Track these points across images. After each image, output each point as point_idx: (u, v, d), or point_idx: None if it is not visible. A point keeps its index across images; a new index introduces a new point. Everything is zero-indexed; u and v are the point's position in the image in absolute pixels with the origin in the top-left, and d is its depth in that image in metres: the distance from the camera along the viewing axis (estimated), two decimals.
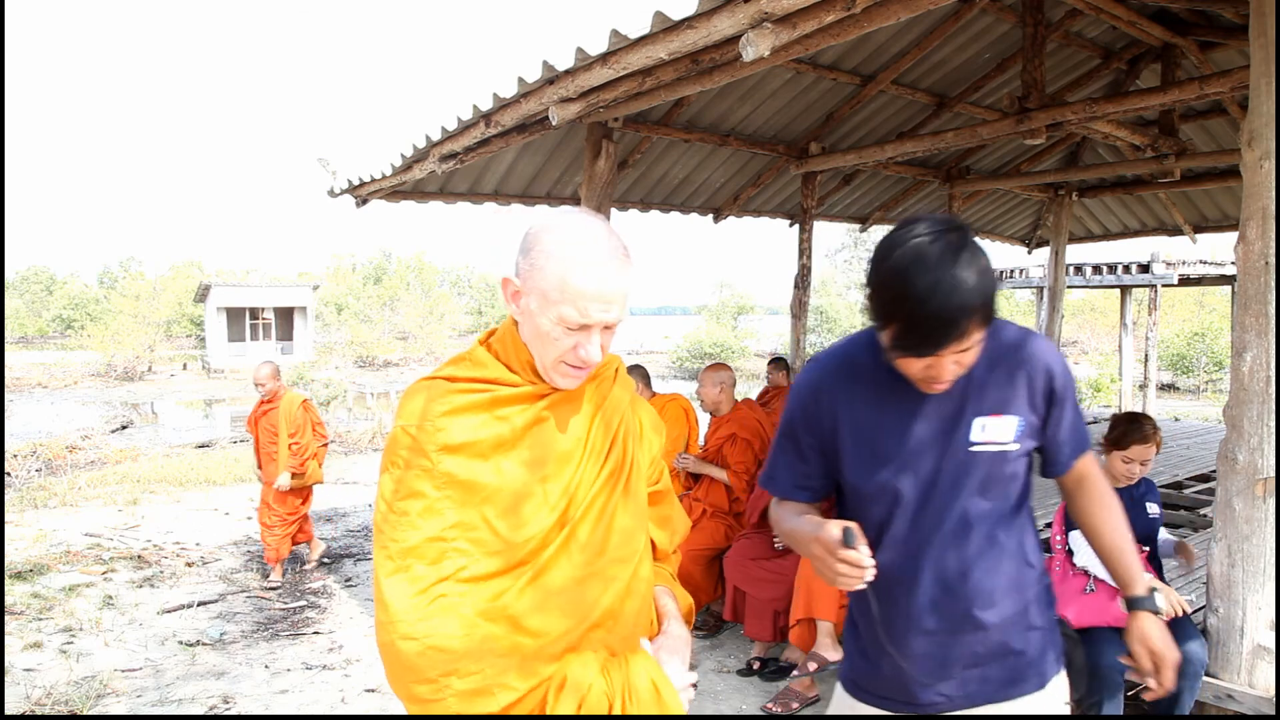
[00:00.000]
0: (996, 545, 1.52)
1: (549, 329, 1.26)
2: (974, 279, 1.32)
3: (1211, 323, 26.25)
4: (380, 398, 22.68)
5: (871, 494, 1.55)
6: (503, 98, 4.00)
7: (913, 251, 1.34)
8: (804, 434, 1.60)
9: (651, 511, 1.53)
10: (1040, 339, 1.55)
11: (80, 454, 11.59)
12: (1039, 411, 1.53)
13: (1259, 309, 2.72)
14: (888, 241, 1.40)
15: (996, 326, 1.49)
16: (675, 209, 7.39)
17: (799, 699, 3.72)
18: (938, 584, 1.51)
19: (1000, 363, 1.51)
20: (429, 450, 1.27)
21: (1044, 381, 1.52)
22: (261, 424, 5.88)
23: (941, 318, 1.33)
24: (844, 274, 40.24)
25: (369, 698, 3.95)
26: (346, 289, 43.11)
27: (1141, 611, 1.57)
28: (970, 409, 1.50)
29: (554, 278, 1.24)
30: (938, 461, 1.50)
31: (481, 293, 53.52)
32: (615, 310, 1.27)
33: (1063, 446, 1.57)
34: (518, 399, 1.32)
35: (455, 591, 1.24)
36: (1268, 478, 2.73)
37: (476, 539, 1.26)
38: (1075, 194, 8.54)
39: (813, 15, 2.82)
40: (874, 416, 1.53)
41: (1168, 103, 4.84)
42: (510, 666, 1.23)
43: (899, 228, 1.41)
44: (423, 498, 1.26)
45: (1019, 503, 1.56)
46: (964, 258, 1.33)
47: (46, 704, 3.79)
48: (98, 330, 32.59)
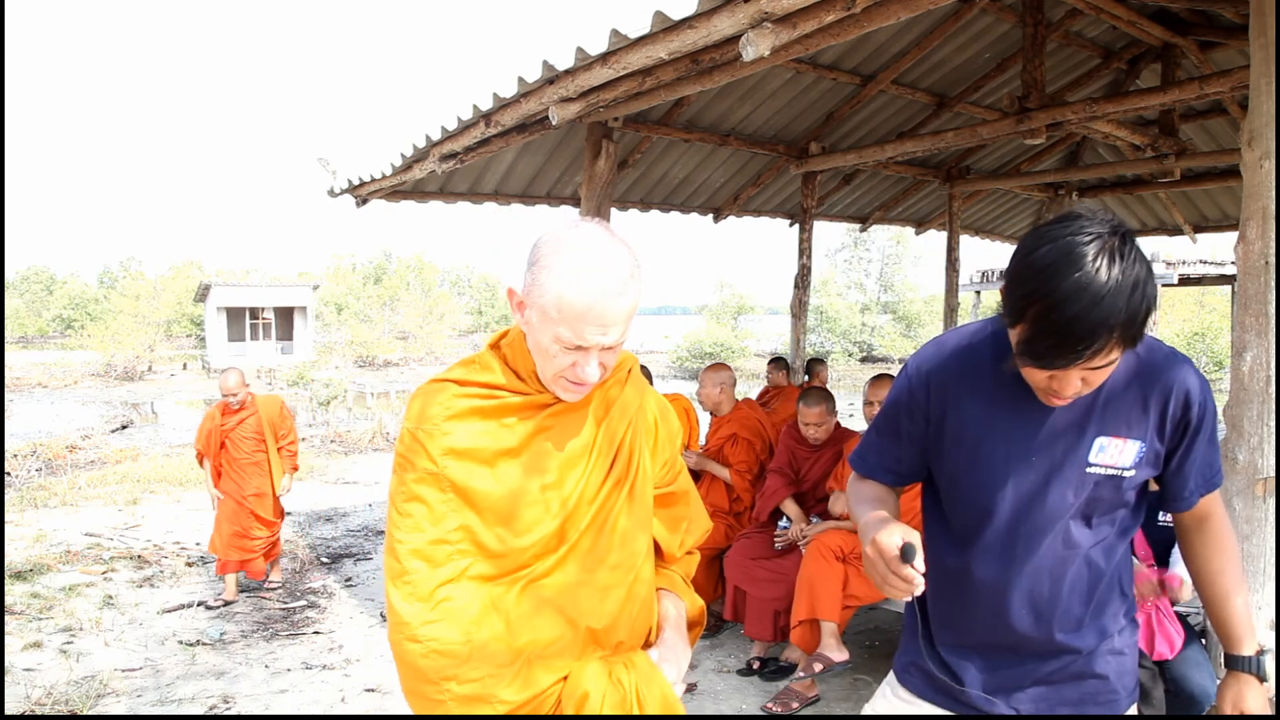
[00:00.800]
0: (1094, 571, 1.42)
1: (547, 345, 1.25)
2: (1126, 292, 1.17)
3: (1211, 323, 26.27)
4: (380, 398, 22.68)
5: (964, 498, 1.47)
6: (503, 98, 4.00)
7: (1065, 247, 1.20)
8: (906, 419, 1.51)
9: (664, 512, 1.52)
10: (1186, 363, 1.40)
11: (80, 454, 11.59)
12: (1166, 440, 1.39)
13: (1259, 309, 2.72)
14: (1039, 232, 1.26)
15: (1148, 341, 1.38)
16: (675, 209, 7.39)
17: (799, 699, 3.72)
18: (1027, 604, 1.43)
19: (1136, 380, 1.37)
20: (434, 454, 1.28)
21: (1179, 409, 1.38)
22: (234, 436, 5.45)
23: (1075, 330, 1.18)
24: (844, 274, 40.24)
25: (369, 697, 3.95)
26: (346, 289, 43.14)
27: (1243, 674, 1.43)
28: (1094, 427, 1.37)
29: (553, 297, 1.21)
30: (1046, 476, 1.39)
31: (481, 293, 53.55)
32: (613, 334, 1.24)
33: (1187, 481, 1.42)
34: (522, 407, 1.32)
35: (460, 594, 1.25)
36: (1268, 478, 2.72)
37: (479, 542, 1.28)
38: (1075, 194, 8.53)
39: (813, 15, 2.82)
40: (985, 417, 1.42)
41: (1168, 103, 4.84)
42: (507, 675, 1.25)
43: (1057, 219, 1.27)
44: (426, 501, 1.27)
45: (1124, 530, 1.45)
46: (1121, 266, 1.18)
47: (46, 704, 3.79)
48: (98, 330, 32.60)
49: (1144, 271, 1.20)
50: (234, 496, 5.45)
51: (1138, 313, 1.19)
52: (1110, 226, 1.22)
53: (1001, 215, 9.70)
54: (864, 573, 1.46)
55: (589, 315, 1.20)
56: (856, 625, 4.48)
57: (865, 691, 3.86)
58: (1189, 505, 1.45)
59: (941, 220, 8.73)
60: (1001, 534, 1.42)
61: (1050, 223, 1.27)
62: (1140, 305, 1.19)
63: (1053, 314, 1.19)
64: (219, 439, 5.49)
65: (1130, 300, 1.18)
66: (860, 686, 3.92)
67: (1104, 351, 1.20)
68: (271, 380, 27.29)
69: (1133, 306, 1.18)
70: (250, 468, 5.49)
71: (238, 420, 5.49)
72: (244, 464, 5.48)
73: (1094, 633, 1.44)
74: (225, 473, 5.50)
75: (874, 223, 8.97)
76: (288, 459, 5.66)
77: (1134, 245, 1.22)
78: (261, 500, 5.51)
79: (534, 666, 1.26)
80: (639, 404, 1.43)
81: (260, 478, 5.51)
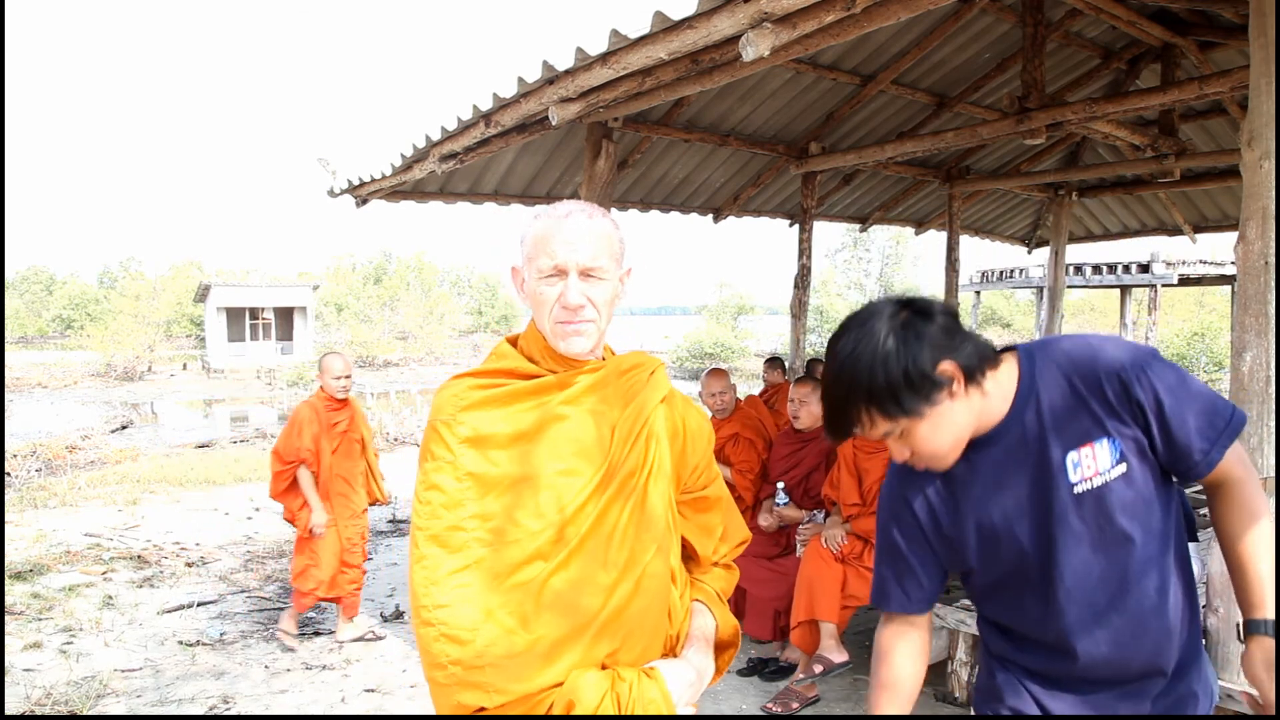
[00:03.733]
0: (1159, 584, 1.36)
1: (535, 288, 1.36)
2: (872, 364, 1.26)
3: (1211, 323, 26.27)
4: (380, 398, 22.68)
5: (992, 584, 1.46)
6: (503, 98, 4.00)
7: (844, 324, 1.33)
8: (902, 542, 1.50)
9: (697, 518, 1.54)
10: (1101, 341, 1.38)
11: (80, 454, 11.59)
12: (1133, 423, 1.33)
13: (1259, 309, 2.72)
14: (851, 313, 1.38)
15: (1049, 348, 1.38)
16: (675, 209, 7.39)
17: (799, 699, 3.72)
18: (1110, 644, 1.38)
19: (1068, 385, 1.35)
20: (450, 443, 1.35)
21: (1117, 390, 1.32)
22: (349, 435, 4.47)
23: (827, 404, 1.32)
24: (844, 274, 40.26)
25: (369, 698, 3.95)
26: (346, 289, 43.13)
27: (1265, 638, 1.36)
28: (1057, 449, 1.34)
29: (530, 238, 1.38)
30: (1045, 518, 1.36)
31: (481, 293, 53.54)
32: (584, 251, 1.34)
33: (1190, 446, 1.32)
34: (534, 391, 1.38)
35: (473, 581, 1.29)
36: (1268, 478, 2.72)
37: (495, 529, 1.31)
38: (1075, 194, 8.54)
39: (813, 15, 2.82)
40: (955, 502, 1.43)
41: (1168, 103, 4.84)
42: (510, 666, 1.25)
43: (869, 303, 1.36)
44: (444, 489, 1.33)
45: (1167, 530, 1.38)
46: (875, 341, 1.27)
47: (46, 704, 3.79)
48: (98, 330, 32.59)
49: (915, 344, 1.27)
50: (342, 518, 4.48)
51: (891, 382, 1.26)
52: (902, 303, 1.32)
53: (1001, 215, 9.70)
54: (862, 573, 1.46)
55: (557, 234, 1.34)
56: (856, 625, 4.48)
57: (865, 691, 3.86)
58: (1210, 467, 1.34)
59: (941, 220, 8.73)
60: (1044, 600, 1.39)
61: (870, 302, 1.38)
62: (895, 375, 1.26)
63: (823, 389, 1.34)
64: (330, 441, 4.40)
65: (882, 372, 1.26)
66: (860, 686, 3.92)
67: (869, 425, 1.31)
68: (271, 381, 27.29)
69: (884, 377, 1.26)
70: (358, 478, 4.57)
71: (346, 418, 4.49)
72: (354, 473, 4.53)
73: (1181, 643, 1.41)
74: (330, 487, 4.44)
75: (874, 223, 8.97)
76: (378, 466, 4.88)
77: (917, 321, 1.29)
78: (365, 519, 4.65)
79: (538, 662, 1.27)
80: (659, 404, 1.45)
81: (361, 491, 4.61)
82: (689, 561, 1.56)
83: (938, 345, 1.28)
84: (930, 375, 1.27)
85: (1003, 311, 44.17)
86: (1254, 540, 1.37)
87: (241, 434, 14.42)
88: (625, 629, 1.35)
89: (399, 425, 14.07)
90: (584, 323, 1.35)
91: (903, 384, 1.26)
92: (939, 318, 1.31)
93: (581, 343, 1.37)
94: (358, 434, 4.59)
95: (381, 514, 7.76)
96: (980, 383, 1.33)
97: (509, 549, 1.30)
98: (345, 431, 4.50)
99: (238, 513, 8.04)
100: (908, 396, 1.27)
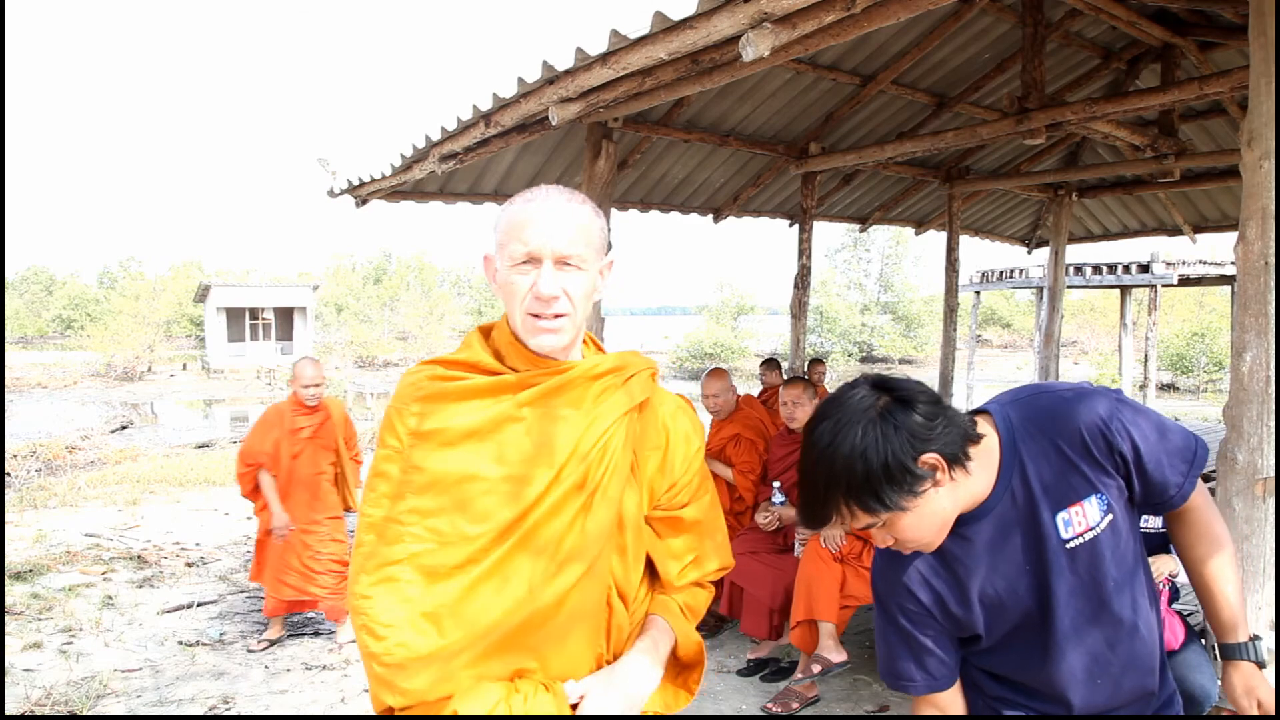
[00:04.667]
0: (1139, 611, 1.40)
1: (507, 277, 1.28)
2: (850, 457, 1.21)
3: (1211, 323, 26.29)
4: (380, 398, 22.68)
5: (994, 644, 1.44)
6: (503, 98, 4.00)
7: (822, 410, 1.29)
8: (910, 626, 1.45)
9: (668, 541, 1.43)
10: (1076, 397, 1.36)
11: (80, 454, 11.58)
12: (1115, 473, 1.35)
13: (1259, 309, 2.72)
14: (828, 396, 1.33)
15: (1025, 408, 1.37)
16: (675, 209, 7.39)
17: (799, 699, 3.72)
18: (1109, 684, 1.41)
19: (1049, 444, 1.35)
20: (400, 433, 1.31)
21: (1100, 443, 1.33)
22: (308, 442, 4.43)
23: (807, 493, 1.28)
24: (844, 274, 40.25)
25: (368, 698, 3.95)
26: (346, 289, 43.11)
27: (1242, 662, 1.42)
28: (1046, 510, 1.34)
29: (503, 223, 1.30)
30: (1042, 575, 1.36)
31: (481, 293, 53.49)
32: (560, 238, 1.25)
33: (1166, 483, 1.36)
34: (491, 389, 1.30)
35: (405, 577, 1.25)
36: (1267, 478, 2.72)
37: (431, 528, 1.26)
38: (1075, 194, 8.54)
39: (813, 15, 2.82)
40: (958, 580, 1.40)
41: (1167, 103, 4.84)
42: (410, 670, 1.22)
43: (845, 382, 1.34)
44: (389, 478, 1.30)
45: (1138, 552, 1.42)
46: (854, 432, 1.22)
47: (46, 704, 3.79)
48: (97, 330, 32.58)
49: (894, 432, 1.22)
50: (301, 522, 4.44)
51: (871, 474, 1.21)
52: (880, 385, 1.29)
53: (1001, 215, 9.70)
54: (861, 573, 1.45)
55: (532, 219, 1.26)
56: (856, 625, 4.48)
57: (865, 691, 3.86)
58: (1184, 499, 1.39)
59: (941, 220, 8.74)
60: (1041, 640, 1.40)
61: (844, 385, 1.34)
62: (861, 472, 1.21)
63: (801, 477, 1.30)
64: (291, 446, 4.42)
65: (861, 464, 1.21)
66: (860, 686, 3.92)
67: (849, 516, 1.26)
68: (271, 381, 27.29)
69: (862, 469, 1.21)
70: (325, 484, 4.54)
71: (314, 424, 4.46)
72: (318, 479, 4.50)
73: (1157, 666, 1.44)
74: (290, 491, 4.45)
75: (874, 223, 8.97)
76: (356, 471, 4.74)
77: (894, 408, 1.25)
78: (338, 524, 4.60)
79: (436, 668, 1.22)
80: (630, 412, 1.34)
81: (334, 496, 4.59)
82: (656, 580, 1.44)
83: (919, 436, 1.24)
84: (912, 469, 1.23)
85: (1003, 311, 44.17)
86: (1219, 565, 1.42)
87: (241, 434, 14.41)
88: (542, 645, 1.27)
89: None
90: (557, 317, 1.27)
91: (883, 479, 1.22)
92: (919, 403, 1.26)
93: (553, 339, 1.28)
94: (329, 440, 4.52)
95: None
96: (964, 464, 1.29)
97: (443, 550, 1.25)
98: (311, 438, 4.45)
99: (238, 513, 8.03)
100: (889, 491, 1.23)
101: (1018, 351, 40.49)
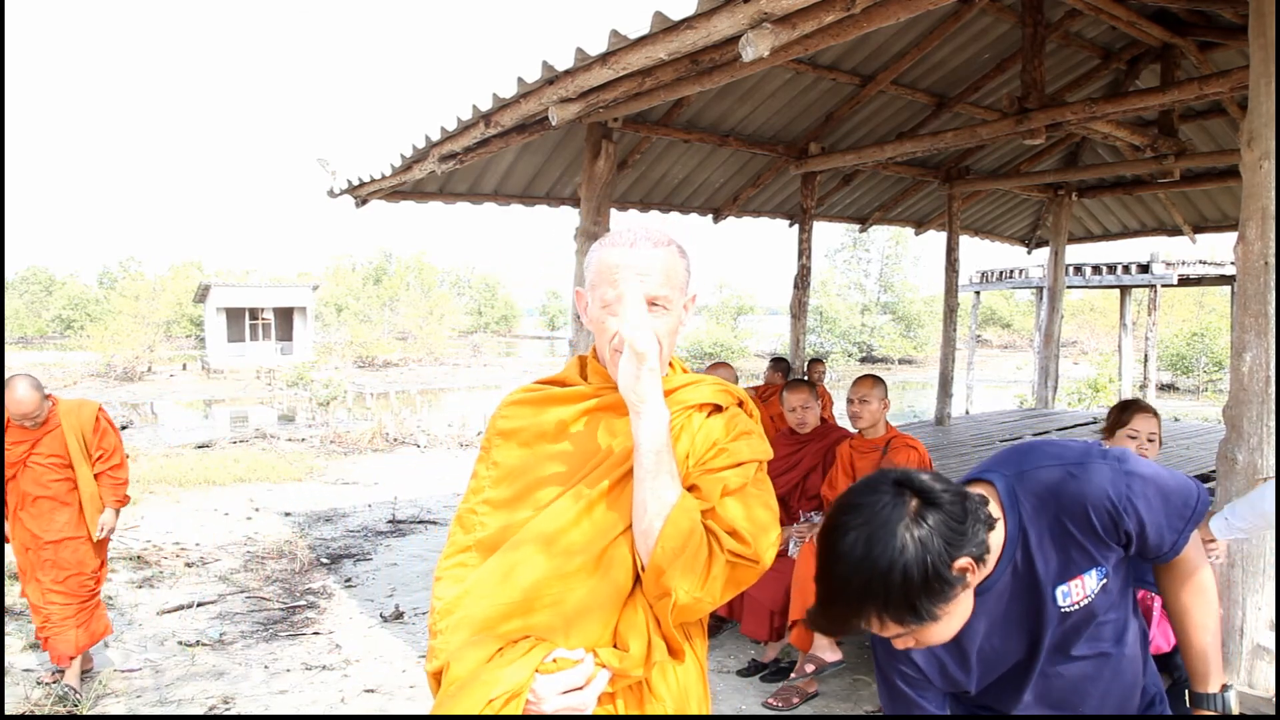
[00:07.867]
0: (1124, 644, 1.46)
1: (597, 316, 1.38)
2: (889, 573, 1.16)
3: (1211, 323, 26.30)
4: (380, 398, 22.67)
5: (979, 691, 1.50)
6: (502, 98, 4.00)
7: (844, 517, 1.21)
8: (911, 692, 1.49)
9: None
10: (1081, 469, 1.35)
11: None
12: (1117, 545, 1.37)
13: (1259, 309, 2.72)
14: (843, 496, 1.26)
15: (1029, 481, 1.37)
16: (675, 209, 7.40)
17: (799, 695, 3.73)
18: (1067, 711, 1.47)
19: (1054, 520, 1.35)
20: (490, 435, 1.49)
21: (1106, 522, 1.34)
22: (31, 461, 3.93)
23: (834, 605, 1.22)
24: (844, 274, 40.28)
25: (368, 698, 3.95)
26: (346, 289, 43.13)
27: (1207, 712, 1.47)
28: (1046, 584, 1.37)
29: (593, 265, 1.39)
30: (1035, 634, 1.41)
31: (481, 293, 53.57)
32: (651, 282, 1.33)
33: (1162, 544, 1.38)
34: (566, 398, 1.44)
35: (469, 561, 1.41)
36: (1267, 478, 2.72)
37: (497, 514, 1.41)
38: (1075, 194, 8.55)
39: (812, 15, 2.82)
40: (960, 648, 1.43)
41: (1167, 103, 4.85)
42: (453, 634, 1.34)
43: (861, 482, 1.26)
44: (478, 475, 1.48)
45: (1127, 587, 1.47)
46: (891, 546, 1.16)
47: (46, 704, 3.79)
48: (97, 330, 32.56)
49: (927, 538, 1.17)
50: (27, 545, 3.97)
51: (905, 585, 1.16)
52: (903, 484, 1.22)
53: (1001, 215, 9.70)
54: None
55: (621, 263, 1.34)
56: None
57: (865, 691, 3.86)
58: (1177, 553, 1.40)
59: (941, 220, 8.74)
60: (1019, 687, 1.45)
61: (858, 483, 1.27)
62: (899, 588, 1.16)
63: (822, 587, 1.23)
64: (10, 469, 3.95)
65: (895, 577, 1.15)
66: (860, 686, 3.93)
67: (877, 626, 1.21)
68: (271, 381, 27.30)
69: (897, 582, 1.16)
70: (50, 503, 3.97)
71: (33, 440, 3.95)
72: (43, 498, 3.97)
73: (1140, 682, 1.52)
74: (18, 513, 3.98)
75: (874, 223, 8.98)
76: (110, 487, 4.07)
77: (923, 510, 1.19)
78: (68, 547, 3.98)
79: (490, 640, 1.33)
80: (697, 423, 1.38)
81: (66, 516, 3.99)
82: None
83: (953, 543, 1.19)
84: (948, 578, 1.19)
85: (1003, 312, 44.19)
86: (1201, 616, 1.46)
87: (241, 434, 14.41)
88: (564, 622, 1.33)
89: (398, 426, 14.06)
90: None
91: (922, 591, 1.17)
92: (945, 503, 1.21)
93: None
94: (54, 458, 3.98)
95: (381, 514, 7.77)
96: (986, 559, 1.27)
97: (500, 532, 1.39)
98: (23, 459, 3.95)
99: (238, 513, 8.03)
100: (926, 603, 1.18)
101: (1017, 351, 40.50)
